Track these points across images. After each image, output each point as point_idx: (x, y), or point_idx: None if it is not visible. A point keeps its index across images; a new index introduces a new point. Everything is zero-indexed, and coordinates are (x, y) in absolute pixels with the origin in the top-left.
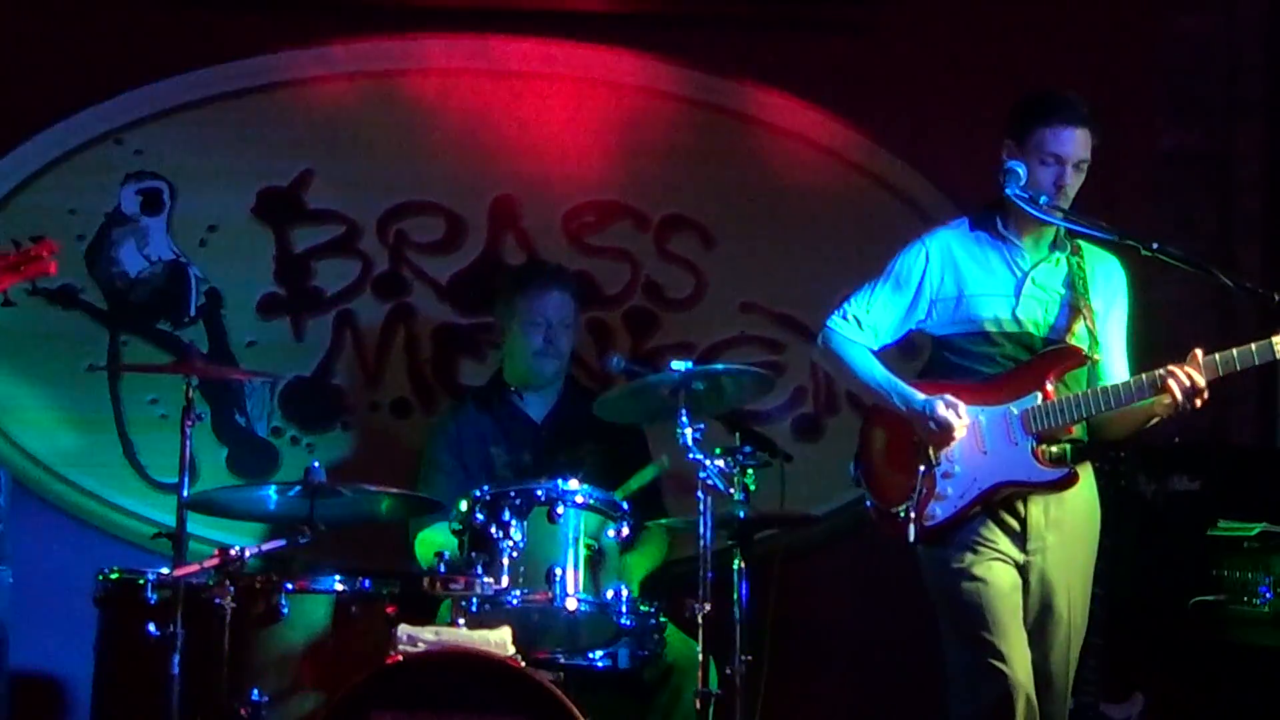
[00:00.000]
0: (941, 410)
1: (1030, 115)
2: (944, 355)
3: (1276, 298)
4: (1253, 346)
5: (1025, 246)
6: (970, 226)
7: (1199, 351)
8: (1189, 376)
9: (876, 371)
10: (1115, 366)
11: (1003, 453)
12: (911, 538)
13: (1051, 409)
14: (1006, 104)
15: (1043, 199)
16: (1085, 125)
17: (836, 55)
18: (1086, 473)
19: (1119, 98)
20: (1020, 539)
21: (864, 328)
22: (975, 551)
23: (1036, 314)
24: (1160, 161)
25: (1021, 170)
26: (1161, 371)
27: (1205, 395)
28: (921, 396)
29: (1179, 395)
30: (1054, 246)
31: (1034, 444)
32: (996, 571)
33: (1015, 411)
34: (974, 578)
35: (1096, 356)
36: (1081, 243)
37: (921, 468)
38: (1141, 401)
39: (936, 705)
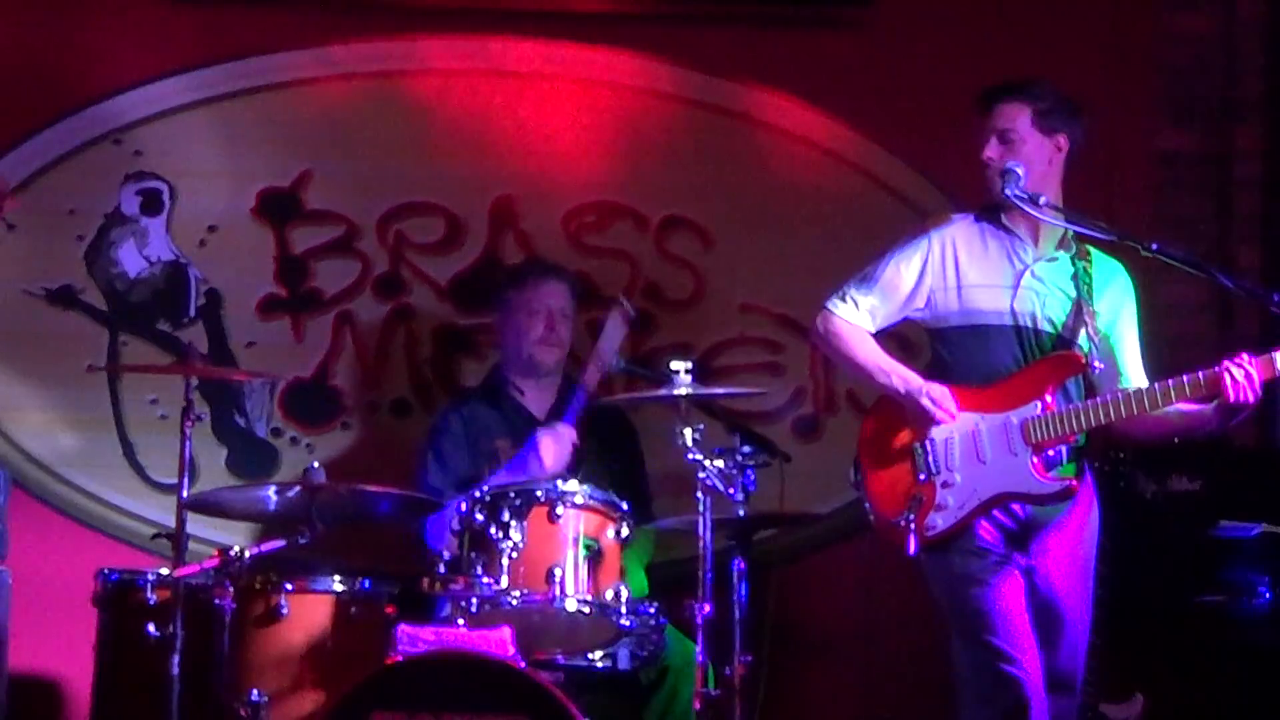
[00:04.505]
0: (937, 390)
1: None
2: (941, 350)
3: (1276, 298)
4: None
5: (1029, 242)
6: (975, 219)
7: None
8: (1243, 369)
9: (875, 353)
10: (1131, 375)
11: (1002, 462)
12: (912, 550)
13: (1052, 420)
14: None
15: (1041, 199)
16: (1004, 99)
17: (836, 55)
18: (1086, 475)
19: (1119, 98)
20: (1023, 543)
21: (861, 310)
22: (981, 557)
23: (1034, 308)
24: (1160, 161)
25: (1021, 170)
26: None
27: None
28: (920, 379)
29: (1229, 388)
30: (1060, 246)
31: (1033, 455)
32: (1003, 576)
33: (1015, 421)
34: (981, 583)
35: (1099, 364)
36: (1090, 249)
37: (921, 476)
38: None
39: (937, 705)
